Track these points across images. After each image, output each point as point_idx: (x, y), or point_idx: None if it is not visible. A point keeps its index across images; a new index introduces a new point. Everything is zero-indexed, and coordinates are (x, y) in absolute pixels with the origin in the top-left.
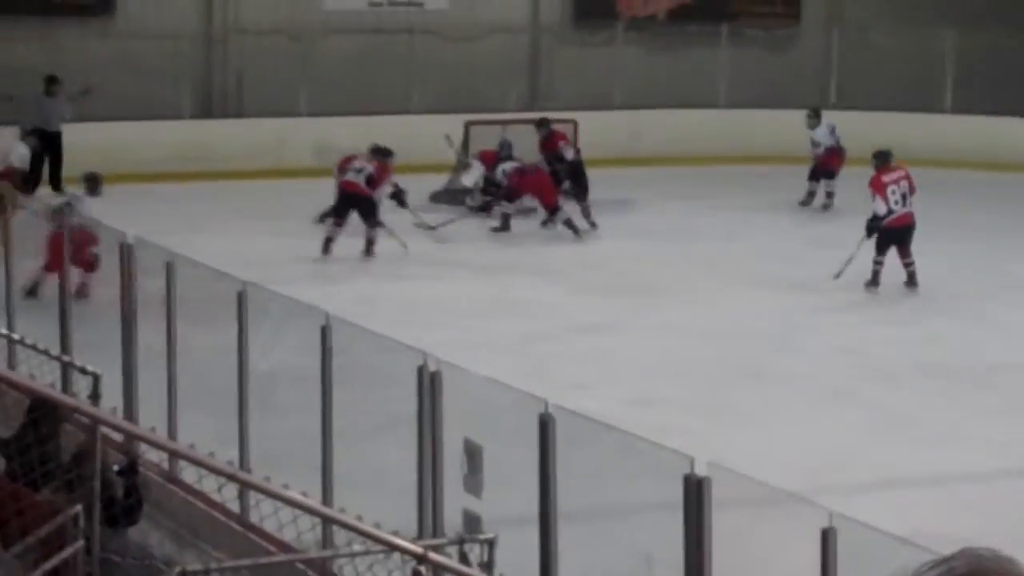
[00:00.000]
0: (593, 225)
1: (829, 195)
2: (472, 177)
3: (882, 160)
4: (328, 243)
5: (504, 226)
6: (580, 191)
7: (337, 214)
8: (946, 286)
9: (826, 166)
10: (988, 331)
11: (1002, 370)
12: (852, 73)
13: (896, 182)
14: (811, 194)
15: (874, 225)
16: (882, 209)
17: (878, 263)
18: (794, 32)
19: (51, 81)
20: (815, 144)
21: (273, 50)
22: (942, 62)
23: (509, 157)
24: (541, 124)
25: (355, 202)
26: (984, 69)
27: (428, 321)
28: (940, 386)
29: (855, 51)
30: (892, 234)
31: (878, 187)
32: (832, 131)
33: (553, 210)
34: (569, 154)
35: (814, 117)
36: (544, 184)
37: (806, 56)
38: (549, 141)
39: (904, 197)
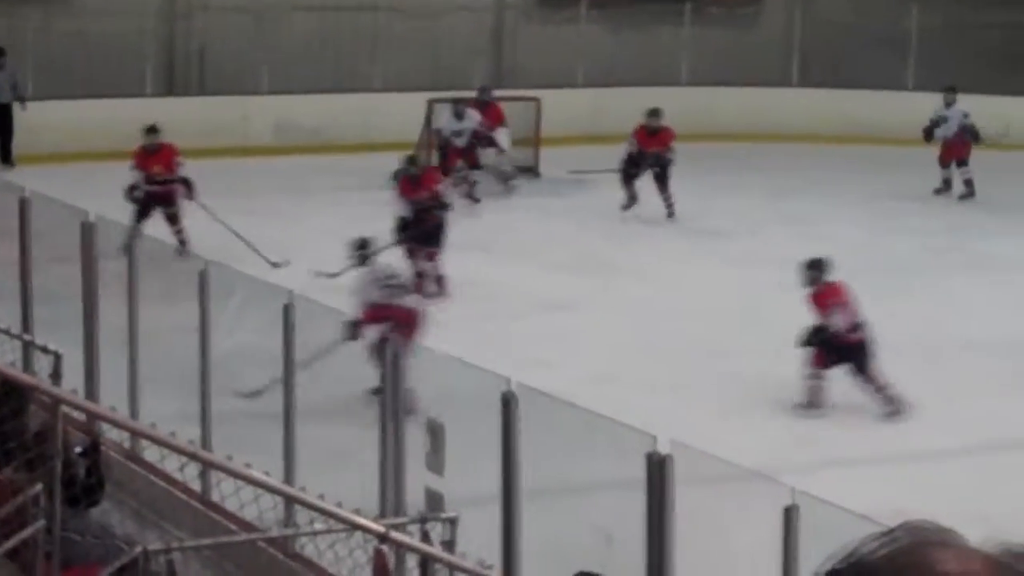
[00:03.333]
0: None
1: (967, 183)
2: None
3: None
4: None
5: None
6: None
7: None
8: (913, 264)
9: (957, 152)
10: (955, 310)
11: (964, 348)
12: (814, 50)
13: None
14: (947, 182)
15: None
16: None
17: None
18: (756, 10)
19: None
20: (941, 122)
21: (236, 27)
22: (906, 39)
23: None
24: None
25: None
26: (947, 46)
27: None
28: (904, 364)
29: (817, 28)
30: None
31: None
32: (966, 115)
33: None
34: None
35: (951, 94)
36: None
37: (768, 33)
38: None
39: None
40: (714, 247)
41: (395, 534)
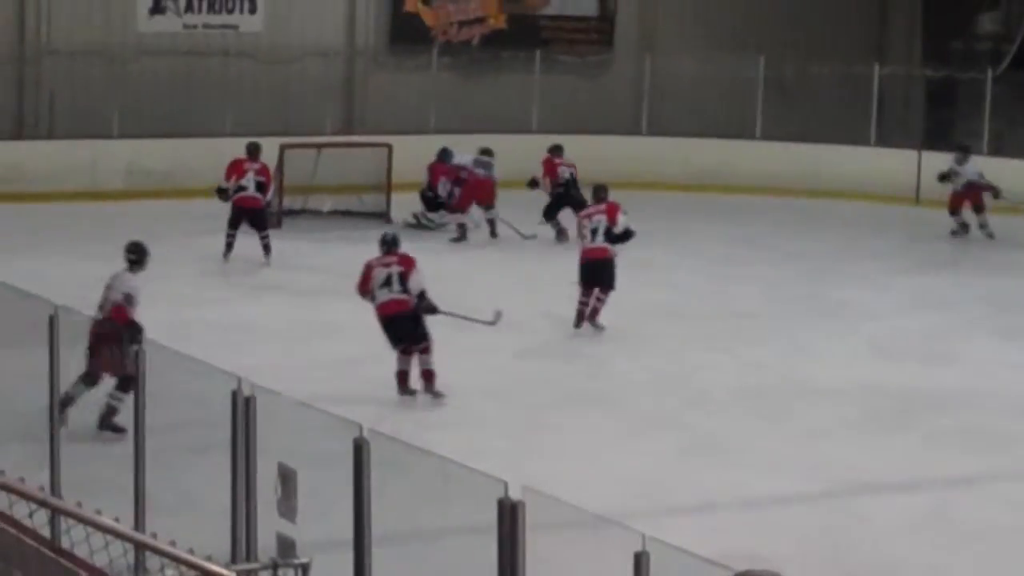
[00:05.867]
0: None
1: (982, 226)
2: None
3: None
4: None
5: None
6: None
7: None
8: (762, 312)
9: (972, 200)
10: (803, 356)
11: (815, 394)
12: (664, 99)
13: (590, 216)
14: (963, 225)
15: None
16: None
17: (581, 303)
18: (607, 58)
19: None
20: (954, 176)
21: (86, 71)
22: (753, 89)
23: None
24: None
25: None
26: (793, 95)
27: (241, 345)
28: (753, 410)
29: (667, 77)
30: (587, 268)
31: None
32: (980, 174)
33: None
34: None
35: (963, 154)
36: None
37: (618, 82)
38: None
39: (595, 232)
40: (562, 292)
41: None
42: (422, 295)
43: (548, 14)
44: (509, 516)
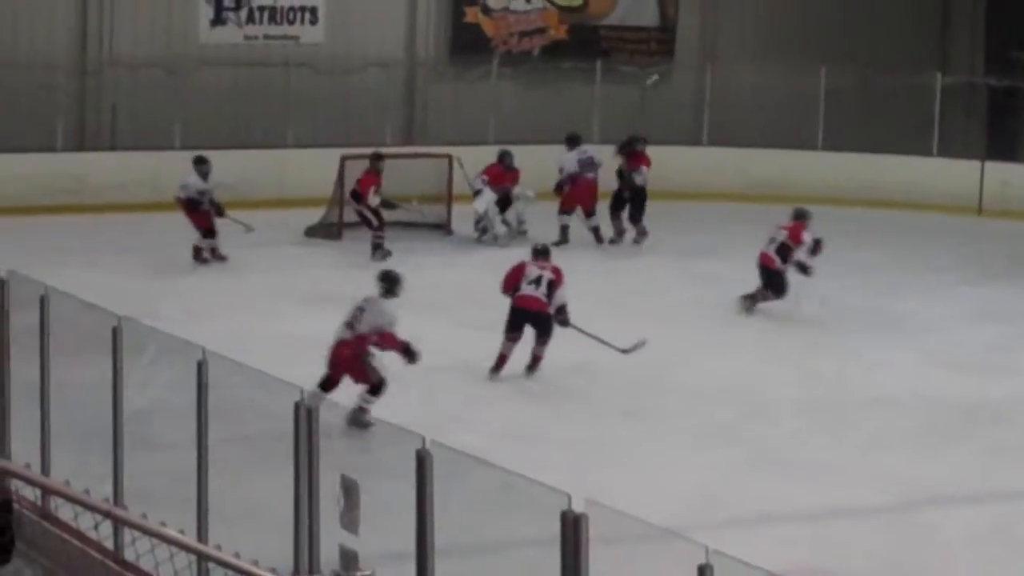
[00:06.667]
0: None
1: None
2: (484, 202)
3: None
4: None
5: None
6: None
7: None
8: (822, 323)
9: None
10: (863, 368)
11: (876, 406)
12: (725, 109)
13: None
14: None
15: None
16: None
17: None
18: (667, 69)
19: None
20: None
21: (148, 82)
22: (815, 99)
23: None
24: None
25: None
26: (854, 106)
27: (303, 356)
28: (814, 422)
29: (728, 88)
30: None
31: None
32: None
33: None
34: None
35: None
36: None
37: (679, 92)
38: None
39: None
40: (624, 302)
41: None
42: (562, 308)
43: (609, 24)
44: (572, 529)
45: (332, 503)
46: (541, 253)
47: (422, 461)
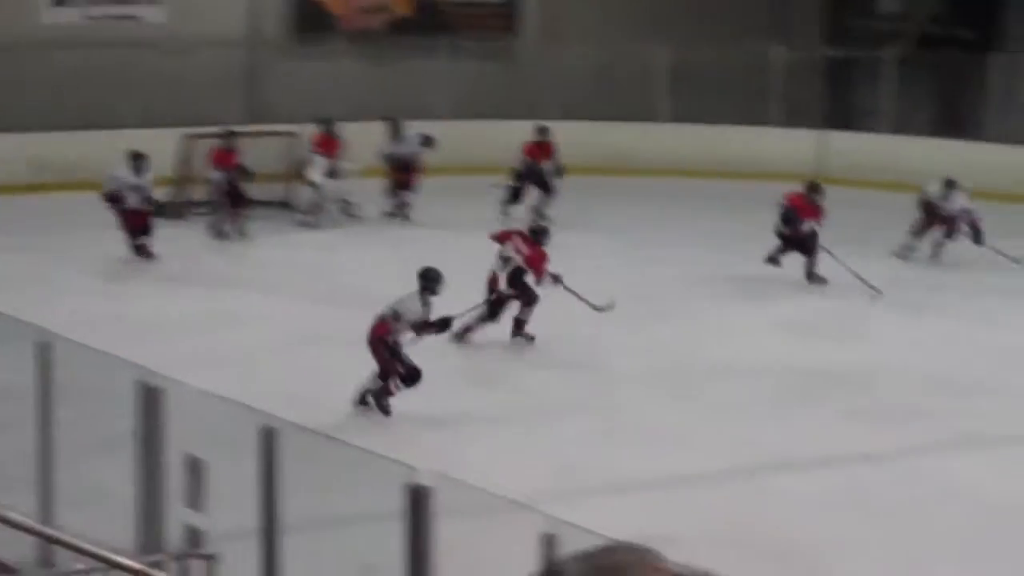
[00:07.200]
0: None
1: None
2: (317, 171)
3: None
4: None
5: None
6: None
7: None
8: (673, 292)
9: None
10: (713, 335)
11: (726, 373)
12: (570, 85)
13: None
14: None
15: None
16: None
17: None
18: (510, 44)
19: None
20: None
21: None
22: (660, 73)
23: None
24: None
25: None
26: (698, 80)
27: (147, 337)
28: (665, 390)
29: (572, 63)
30: None
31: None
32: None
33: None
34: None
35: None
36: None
37: (523, 67)
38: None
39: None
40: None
41: (154, 571)
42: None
43: (453, 1)
44: (417, 501)
45: (178, 483)
46: (535, 233)
47: (267, 437)
